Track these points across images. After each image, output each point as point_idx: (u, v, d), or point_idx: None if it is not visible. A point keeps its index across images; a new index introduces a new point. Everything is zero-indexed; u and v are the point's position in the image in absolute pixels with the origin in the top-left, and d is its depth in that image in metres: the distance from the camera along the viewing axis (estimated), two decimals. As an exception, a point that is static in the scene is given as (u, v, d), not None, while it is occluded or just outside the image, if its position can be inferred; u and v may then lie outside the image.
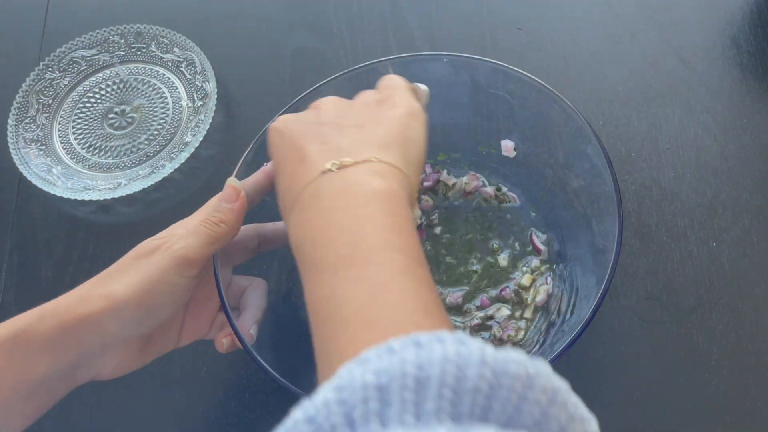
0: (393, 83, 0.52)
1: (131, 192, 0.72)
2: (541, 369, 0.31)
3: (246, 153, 0.60)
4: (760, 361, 0.60)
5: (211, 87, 0.77)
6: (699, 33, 0.77)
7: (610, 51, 0.77)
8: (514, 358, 0.31)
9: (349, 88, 0.64)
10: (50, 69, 0.81)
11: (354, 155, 0.44)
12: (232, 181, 0.56)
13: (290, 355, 0.59)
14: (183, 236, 0.52)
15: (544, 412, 0.31)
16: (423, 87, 0.54)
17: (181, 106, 0.79)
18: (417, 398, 0.29)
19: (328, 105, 0.50)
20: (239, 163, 0.59)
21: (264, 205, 0.61)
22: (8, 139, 0.77)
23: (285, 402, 0.62)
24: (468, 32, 0.80)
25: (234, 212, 0.54)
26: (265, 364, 0.52)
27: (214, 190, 0.60)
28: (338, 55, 0.80)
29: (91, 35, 0.82)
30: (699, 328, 0.62)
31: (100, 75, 0.82)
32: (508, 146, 0.65)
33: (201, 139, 0.74)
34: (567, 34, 0.78)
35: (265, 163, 0.61)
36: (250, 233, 0.59)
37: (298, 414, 0.30)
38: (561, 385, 0.32)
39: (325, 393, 0.30)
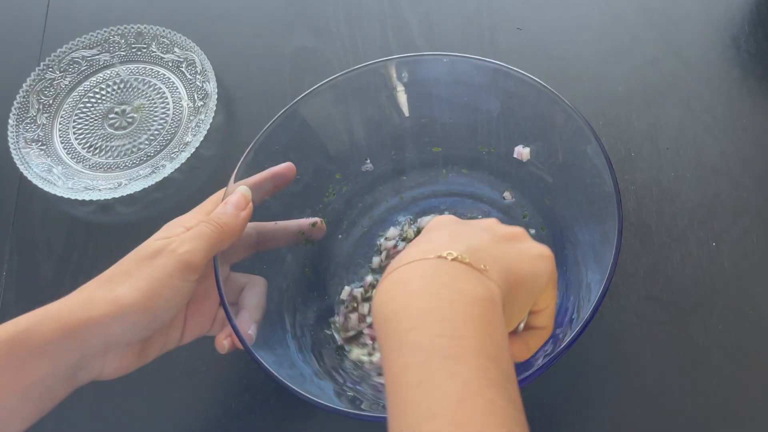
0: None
1: (132, 192, 0.72)
2: None
3: (246, 153, 0.60)
4: (760, 361, 0.60)
5: (212, 87, 0.77)
6: (699, 33, 0.77)
7: (610, 51, 0.77)
8: None
9: (349, 89, 0.65)
10: (51, 69, 0.81)
11: (473, 259, 0.43)
12: (243, 189, 0.56)
13: (291, 354, 0.59)
14: (187, 239, 0.52)
15: None
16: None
17: (181, 106, 0.79)
18: None
19: (483, 221, 0.49)
20: (239, 164, 0.59)
21: (264, 205, 0.61)
22: (9, 139, 0.77)
23: (285, 402, 0.63)
24: (468, 32, 0.80)
25: (240, 219, 0.55)
26: (265, 364, 0.52)
27: (214, 190, 0.60)
28: (338, 55, 0.80)
29: (91, 35, 0.82)
30: (699, 328, 0.62)
31: (101, 75, 0.82)
32: (522, 152, 0.65)
33: (201, 139, 0.74)
34: (567, 34, 0.78)
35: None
36: (249, 231, 0.59)
37: None
38: None
39: None
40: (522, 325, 0.49)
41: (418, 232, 0.67)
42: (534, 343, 0.49)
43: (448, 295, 0.41)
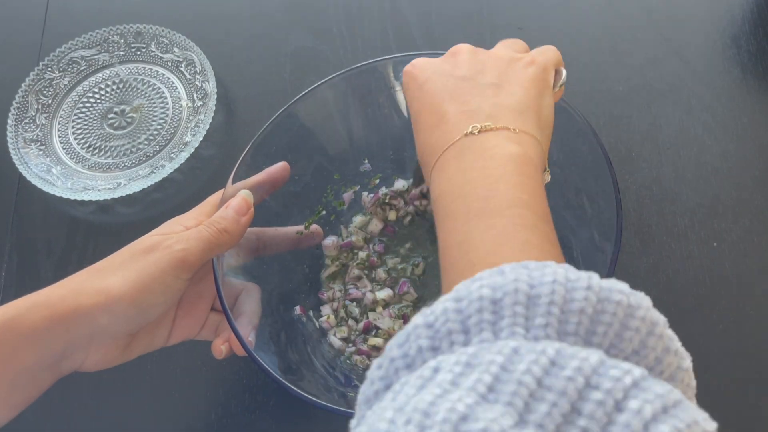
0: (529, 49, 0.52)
1: (131, 192, 0.72)
2: (642, 300, 0.34)
3: (245, 153, 0.60)
4: (760, 361, 0.60)
5: (211, 87, 0.77)
6: (699, 32, 0.77)
7: (610, 50, 0.77)
8: (617, 287, 0.33)
9: (349, 88, 0.65)
10: (50, 69, 0.81)
11: (494, 120, 0.46)
12: (245, 194, 0.56)
13: (290, 355, 0.59)
14: (184, 238, 0.52)
15: (643, 342, 0.33)
16: (563, 70, 0.54)
17: (180, 106, 0.79)
18: (527, 313, 0.32)
19: (464, 55, 0.50)
20: (238, 163, 0.59)
21: (264, 205, 0.61)
22: (8, 139, 0.77)
23: (285, 402, 0.63)
24: (468, 32, 0.80)
25: (240, 225, 0.55)
26: (265, 365, 0.52)
27: (214, 190, 0.60)
28: (338, 54, 0.80)
29: (90, 35, 0.82)
30: (700, 328, 0.62)
31: (100, 75, 0.82)
32: None
33: (201, 139, 0.74)
34: (567, 34, 0.78)
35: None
36: (250, 236, 0.59)
37: (418, 319, 0.33)
38: (660, 318, 0.34)
39: (444, 303, 0.34)
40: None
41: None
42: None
43: (480, 163, 0.44)
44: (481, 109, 0.47)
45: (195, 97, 0.78)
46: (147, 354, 0.65)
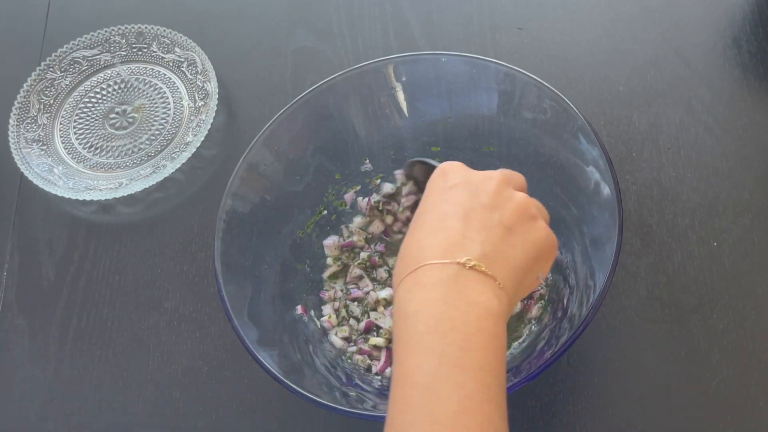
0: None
1: (132, 192, 0.72)
2: None
3: (246, 153, 0.60)
4: (760, 361, 0.60)
5: (212, 87, 0.77)
6: (700, 33, 0.77)
7: (610, 51, 0.77)
8: None
9: (350, 88, 0.65)
10: (51, 69, 0.81)
11: (488, 264, 0.46)
12: None
13: (291, 355, 0.59)
14: None
15: None
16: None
17: (182, 106, 0.79)
18: None
19: (493, 185, 0.50)
20: (239, 163, 0.60)
21: (264, 203, 0.61)
22: (9, 139, 0.77)
23: (286, 401, 0.63)
24: (468, 32, 0.80)
25: None
26: (266, 365, 0.52)
27: (215, 190, 0.60)
28: (339, 54, 0.80)
29: (92, 35, 0.82)
30: (700, 327, 0.62)
31: (102, 75, 0.82)
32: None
33: (202, 139, 0.74)
34: (568, 34, 0.78)
35: None
36: None
37: None
38: None
39: None
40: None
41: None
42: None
43: (463, 306, 0.44)
44: (482, 245, 0.46)
45: (196, 97, 0.79)
46: (148, 354, 0.66)
